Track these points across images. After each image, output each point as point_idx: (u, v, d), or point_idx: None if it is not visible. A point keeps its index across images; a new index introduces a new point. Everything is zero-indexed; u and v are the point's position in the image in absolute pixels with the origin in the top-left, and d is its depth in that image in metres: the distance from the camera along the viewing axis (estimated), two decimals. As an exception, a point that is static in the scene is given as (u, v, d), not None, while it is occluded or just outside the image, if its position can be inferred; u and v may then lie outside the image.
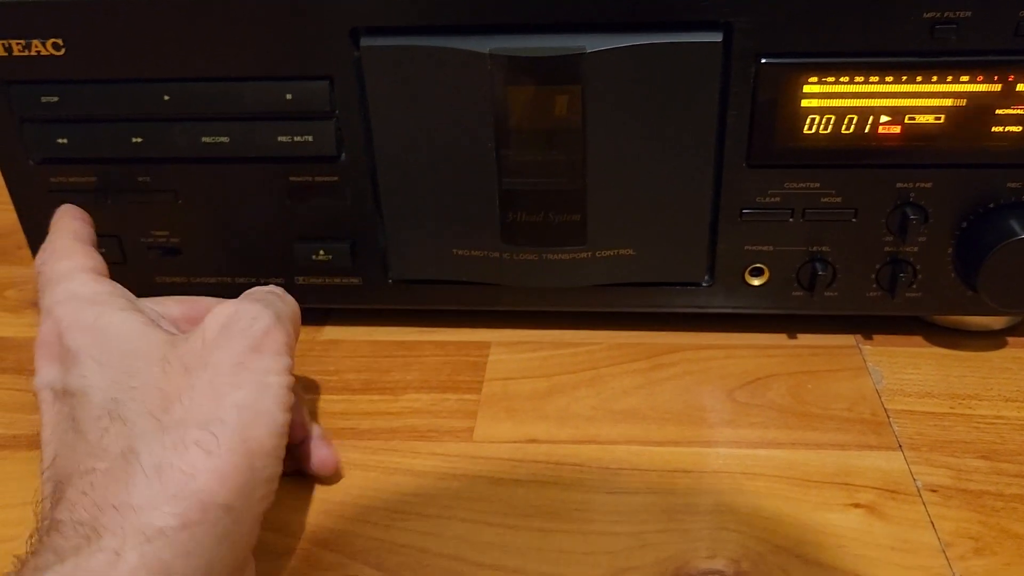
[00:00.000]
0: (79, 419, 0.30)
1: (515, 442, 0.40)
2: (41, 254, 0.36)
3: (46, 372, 0.32)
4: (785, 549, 0.33)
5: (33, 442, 0.41)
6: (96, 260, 0.36)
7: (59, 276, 0.34)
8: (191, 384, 0.29)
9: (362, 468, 0.38)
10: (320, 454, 0.36)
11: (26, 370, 0.46)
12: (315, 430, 0.37)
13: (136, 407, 0.29)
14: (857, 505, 0.35)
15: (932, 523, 0.34)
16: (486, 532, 0.35)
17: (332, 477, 0.37)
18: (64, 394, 0.31)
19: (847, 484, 0.36)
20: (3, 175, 0.44)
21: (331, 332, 0.47)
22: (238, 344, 0.31)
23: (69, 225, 0.38)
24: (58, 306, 0.33)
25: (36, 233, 0.45)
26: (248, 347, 0.31)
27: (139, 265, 0.45)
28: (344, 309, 0.47)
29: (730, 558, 0.33)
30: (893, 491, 0.36)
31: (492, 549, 0.34)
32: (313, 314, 0.48)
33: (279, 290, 0.36)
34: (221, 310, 0.32)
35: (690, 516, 0.35)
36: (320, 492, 0.37)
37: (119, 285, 0.35)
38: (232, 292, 0.43)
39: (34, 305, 0.51)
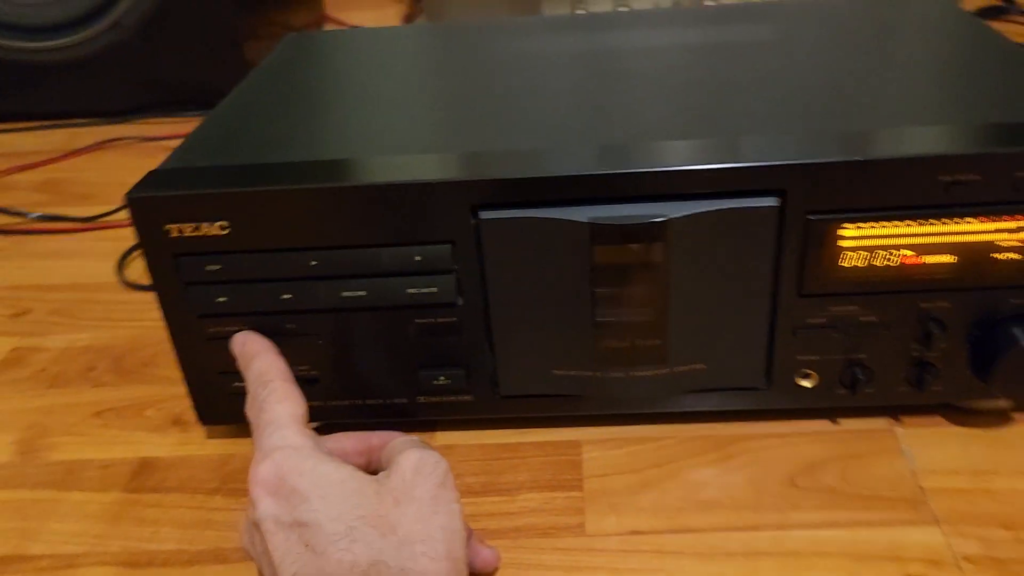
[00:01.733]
0: (314, 544, 0.38)
1: (621, 534, 0.48)
2: (260, 388, 0.45)
3: (268, 505, 0.40)
4: (858, 619, 0.42)
5: (217, 556, 0.48)
6: (303, 406, 0.45)
7: (277, 421, 0.43)
8: (403, 512, 0.39)
9: (501, 567, 0.47)
10: (483, 555, 0.45)
11: (188, 488, 0.53)
12: (471, 534, 0.46)
13: (369, 531, 0.38)
14: (909, 576, 0.44)
15: (971, 590, 0.43)
16: (616, 618, 0.43)
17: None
18: (294, 525, 0.39)
19: (898, 558, 0.45)
20: (168, 328, 0.51)
21: (443, 437, 0.56)
22: (431, 482, 0.40)
23: (279, 364, 0.47)
24: (278, 452, 0.41)
25: (193, 372, 0.53)
26: (438, 484, 0.40)
27: (281, 393, 0.53)
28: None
29: (815, 629, 0.42)
30: (936, 562, 0.45)
31: (624, 632, 0.42)
32: (427, 421, 0.56)
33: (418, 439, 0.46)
34: (409, 456, 0.41)
35: (777, 594, 0.44)
36: (473, 590, 0.45)
37: (315, 435, 0.43)
38: (362, 412, 0.52)
39: (176, 423, 0.59)
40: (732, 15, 0.72)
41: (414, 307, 0.50)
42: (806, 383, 0.52)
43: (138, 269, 0.78)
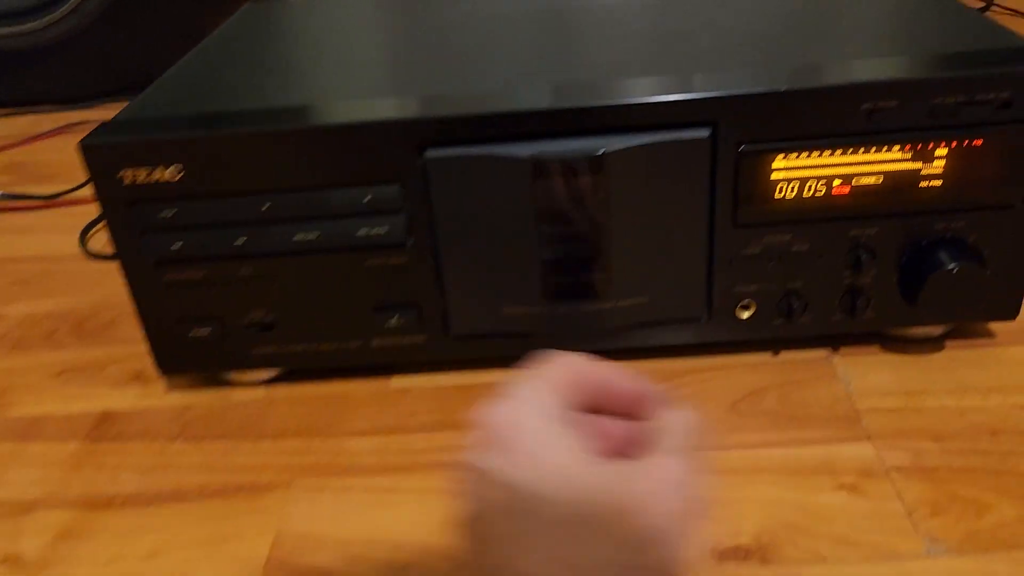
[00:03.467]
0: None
1: (570, 460, 0.50)
2: None
3: None
4: (792, 525, 0.44)
5: (177, 495, 0.50)
6: None
7: None
8: None
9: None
10: None
11: (149, 436, 0.55)
12: None
13: None
14: (842, 487, 0.46)
15: (899, 495, 0.45)
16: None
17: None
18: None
19: (832, 471, 0.47)
20: (125, 275, 0.53)
21: (399, 381, 0.57)
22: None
23: None
24: None
25: (151, 321, 0.55)
26: None
27: (238, 340, 0.55)
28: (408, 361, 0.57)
29: (751, 535, 0.44)
30: (868, 473, 0.47)
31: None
32: (382, 368, 0.57)
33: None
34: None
35: (716, 507, 0.45)
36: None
37: None
38: (318, 357, 0.53)
39: (136, 378, 0.60)
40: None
41: (366, 248, 0.51)
42: (745, 314, 0.54)
43: (100, 241, 0.79)
